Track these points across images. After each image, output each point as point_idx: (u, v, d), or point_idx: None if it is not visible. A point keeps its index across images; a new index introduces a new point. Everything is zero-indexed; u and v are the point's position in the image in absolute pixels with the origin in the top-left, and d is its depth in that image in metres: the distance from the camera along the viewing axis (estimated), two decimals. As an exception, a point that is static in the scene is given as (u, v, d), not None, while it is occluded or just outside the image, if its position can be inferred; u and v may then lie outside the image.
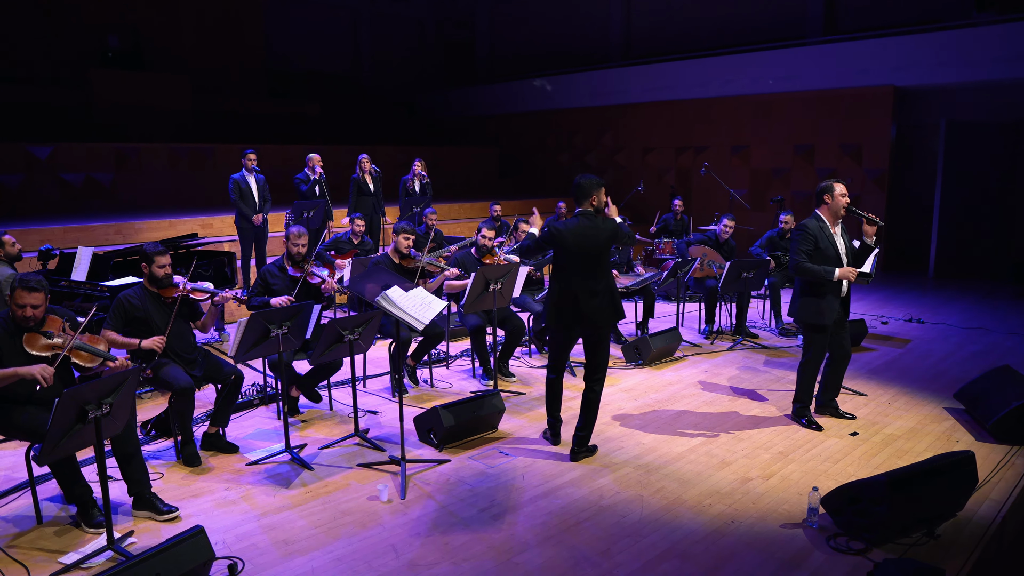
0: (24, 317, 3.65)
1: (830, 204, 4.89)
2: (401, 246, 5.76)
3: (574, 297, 4.41)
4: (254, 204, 8.51)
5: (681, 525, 3.81)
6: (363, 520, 3.82)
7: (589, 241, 4.39)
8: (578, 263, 4.43)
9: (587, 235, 4.39)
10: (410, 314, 3.99)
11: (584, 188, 4.47)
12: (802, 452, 4.74)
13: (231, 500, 4.05)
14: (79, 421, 3.23)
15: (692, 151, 14.54)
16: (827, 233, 4.87)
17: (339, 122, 16.56)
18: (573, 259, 4.44)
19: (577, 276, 4.43)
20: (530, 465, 4.54)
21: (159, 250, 4.52)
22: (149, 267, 4.49)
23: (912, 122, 12.24)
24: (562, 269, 4.49)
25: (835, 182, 4.92)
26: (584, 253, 4.41)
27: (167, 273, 4.53)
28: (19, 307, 3.64)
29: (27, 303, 3.63)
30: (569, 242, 4.41)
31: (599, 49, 16.80)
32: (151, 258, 4.48)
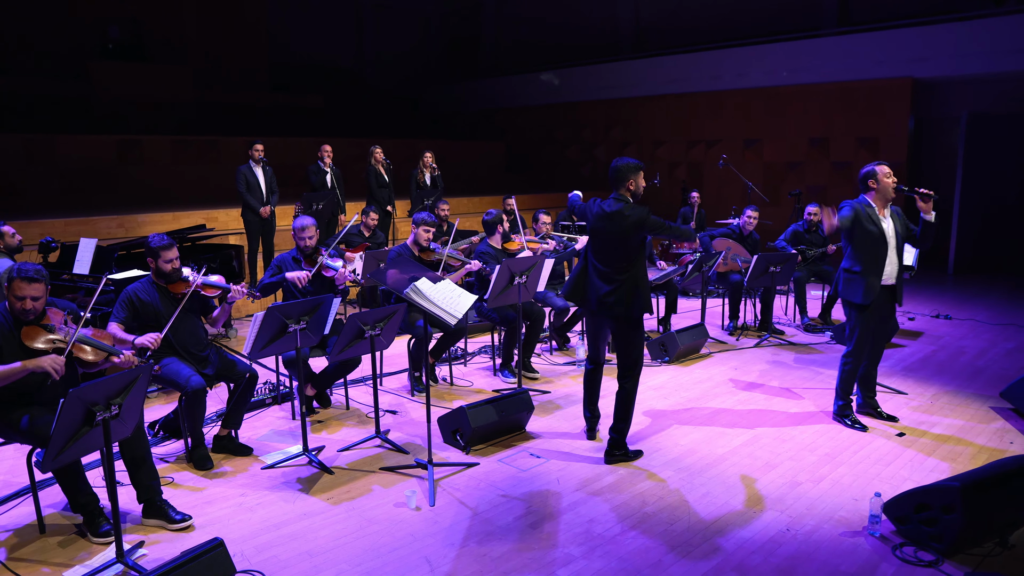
0: (23, 310, 3.38)
1: (878, 188, 4.63)
2: (421, 238, 5.49)
3: (587, 278, 4.33)
4: (261, 196, 8.24)
5: (734, 533, 3.54)
6: (391, 529, 3.55)
7: (612, 225, 4.18)
8: (596, 245, 4.31)
9: (611, 219, 4.19)
10: (442, 307, 3.72)
11: (621, 171, 4.25)
12: (849, 454, 4.48)
13: (248, 507, 3.77)
14: (86, 424, 2.97)
15: (703, 145, 14.27)
16: (874, 216, 4.61)
17: (342, 115, 16.26)
18: (593, 240, 4.33)
19: (594, 258, 4.31)
20: (564, 468, 4.28)
21: (165, 244, 4.23)
22: (155, 261, 4.22)
23: (931, 115, 11.97)
24: (588, 247, 4.41)
25: (877, 165, 4.67)
26: (603, 237, 4.25)
27: (175, 268, 4.25)
28: (18, 299, 3.37)
29: (26, 295, 3.36)
30: (592, 222, 4.29)
31: (608, 42, 16.50)
32: (156, 252, 4.19)
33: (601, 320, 4.41)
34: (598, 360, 4.59)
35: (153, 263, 4.22)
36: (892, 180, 4.63)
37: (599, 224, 4.24)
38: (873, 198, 4.67)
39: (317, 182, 8.63)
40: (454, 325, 3.82)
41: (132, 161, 10.73)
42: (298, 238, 4.99)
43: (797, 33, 12.93)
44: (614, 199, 4.24)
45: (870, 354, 4.92)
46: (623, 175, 4.23)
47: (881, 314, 4.79)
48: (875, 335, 4.85)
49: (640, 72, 14.96)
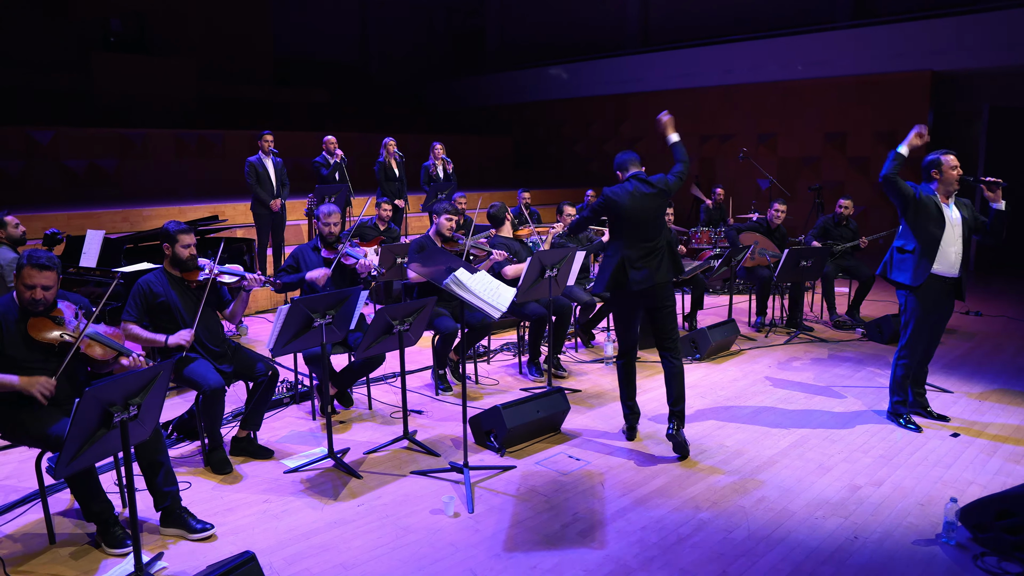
0: (32, 300, 3.12)
1: (941, 179, 4.38)
2: (444, 227, 5.24)
3: (624, 265, 4.21)
4: (271, 189, 7.98)
5: (799, 542, 3.29)
6: (430, 539, 3.29)
7: (657, 199, 4.23)
8: (632, 226, 4.21)
9: (659, 194, 4.24)
10: (485, 299, 3.45)
11: (630, 158, 4.43)
12: (905, 456, 4.23)
13: (273, 514, 3.51)
14: (103, 426, 2.70)
15: (716, 140, 14.02)
16: (936, 200, 4.37)
17: (348, 110, 15.99)
18: (626, 224, 4.23)
19: (630, 242, 4.22)
20: (607, 471, 4.02)
21: (183, 228, 4.00)
22: (172, 247, 3.97)
23: (951, 108, 11.73)
24: (620, 236, 4.26)
25: (943, 154, 4.41)
26: (642, 214, 4.20)
27: (192, 254, 4.01)
28: (28, 288, 3.11)
29: (36, 283, 3.11)
30: (627, 205, 4.20)
31: (617, 36, 16.24)
32: (174, 237, 3.95)
33: (635, 303, 4.31)
34: (631, 349, 4.43)
35: (170, 249, 3.97)
36: (957, 171, 4.38)
37: (643, 203, 4.21)
38: (936, 189, 4.41)
39: (329, 175, 8.36)
40: (496, 317, 3.56)
41: (134, 155, 10.45)
42: (323, 223, 4.72)
43: (812, 26, 12.69)
44: (636, 178, 4.30)
45: (925, 349, 4.68)
46: (633, 160, 4.42)
47: (941, 309, 4.54)
48: (932, 329, 4.60)
49: (650, 66, 14.70)
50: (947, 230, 4.38)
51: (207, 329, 4.06)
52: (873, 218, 11.83)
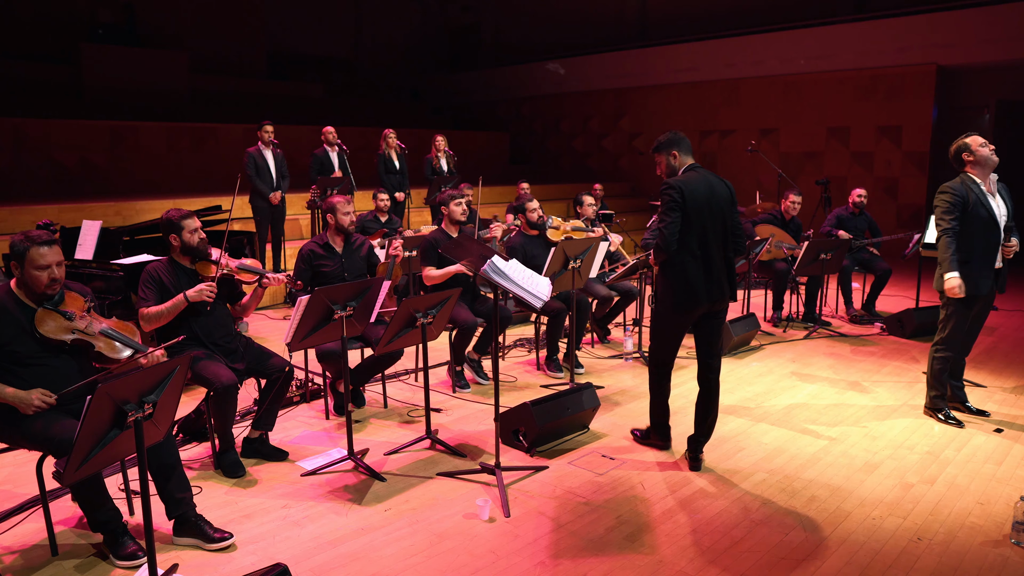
0: (52, 281, 2.91)
1: (975, 159, 4.20)
2: (456, 214, 5.00)
3: (708, 269, 3.62)
4: (271, 181, 7.71)
5: (859, 544, 3.09)
6: (468, 546, 3.06)
7: (716, 197, 3.63)
8: (708, 226, 3.61)
9: (714, 187, 3.65)
10: (525, 288, 3.22)
11: (686, 140, 3.80)
12: (952, 452, 4.05)
13: (294, 521, 3.26)
14: (115, 426, 2.45)
15: (717, 134, 13.88)
16: (982, 197, 4.17)
17: (342, 105, 15.69)
18: (704, 222, 3.59)
19: (711, 243, 3.63)
20: (644, 471, 3.80)
21: (185, 213, 3.73)
22: (179, 235, 3.70)
23: (958, 102, 11.64)
24: (690, 237, 3.57)
25: (967, 137, 4.24)
26: (715, 214, 3.63)
27: (203, 238, 3.74)
28: (41, 269, 2.88)
29: (50, 261, 2.90)
30: (701, 199, 3.58)
31: (614, 30, 16.05)
32: (178, 224, 3.68)
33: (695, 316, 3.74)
34: (669, 362, 3.90)
35: (177, 239, 3.70)
36: (989, 148, 4.20)
37: (707, 197, 3.59)
38: (974, 171, 4.23)
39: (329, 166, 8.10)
40: (539, 308, 3.33)
41: (126, 148, 10.11)
42: (341, 214, 4.46)
43: (814, 20, 12.55)
44: (695, 169, 3.72)
45: (964, 342, 4.50)
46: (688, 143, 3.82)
47: (983, 301, 4.36)
48: (973, 322, 4.43)
49: (651, 60, 14.54)
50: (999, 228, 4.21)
51: (220, 324, 3.80)
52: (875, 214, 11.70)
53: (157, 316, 3.61)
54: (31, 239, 2.87)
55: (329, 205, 4.50)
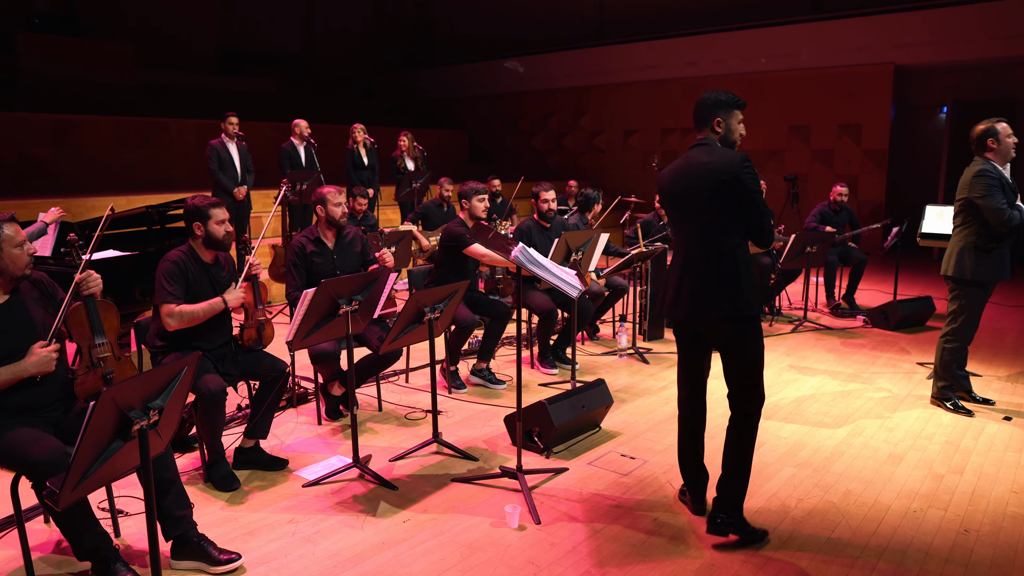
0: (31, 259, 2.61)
1: (997, 148, 4.15)
2: (477, 210, 4.74)
3: (680, 274, 2.90)
4: (235, 176, 7.29)
5: (909, 538, 2.96)
6: (502, 557, 2.81)
7: (686, 182, 2.85)
8: (675, 219, 2.98)
9: (689, 174, 2.84)
10: (561, 277, 2.99)
11: (707, 105, 2.91)
12: (971, 441, 3.99)
13: (305, 537, 2.95)
14: (118, 437, 2.13)
15: (679, 132, 13.90)
16: (1005, 179, 4.14)
17: (296, 101, 15.15)
18: (671, 213, 3.00)
19: (678, 241, 2.98)
20: (668, 469, 3.61)
21: (214, 202, 3.39)
22: (205, 225, 3.36)
23: (915, 101, 11.92)
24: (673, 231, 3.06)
25: (997, 122, 4.18)
26: (679, 202, 2.90)
27: (229, 232, 3.41)
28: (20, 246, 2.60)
29: (24, 237, 2.57)
30: (666, 185, 2.96)
31: (571, 29, 15.96)
32: (206, 213, 3.35)
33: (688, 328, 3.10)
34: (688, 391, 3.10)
35: (202, 229, 3.36)
36: (1013, 140, 4.17)
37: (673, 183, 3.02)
38: (993, 159, 4.18)
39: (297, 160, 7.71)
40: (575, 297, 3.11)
41: (70, 143, 9.46)
42: (331, 206, 4.13)
43: (775, 19, 12.68)
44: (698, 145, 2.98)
45: (973, 332, 4.46)
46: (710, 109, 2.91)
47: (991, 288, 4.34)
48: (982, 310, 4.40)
49: (611, 58, 14.48)
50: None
51: (213, 323, 3.45)
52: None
53: (191, 316, 3.27)
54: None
55: (319, 196, 4.17)
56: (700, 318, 2.87)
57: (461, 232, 4.65)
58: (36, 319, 2.69)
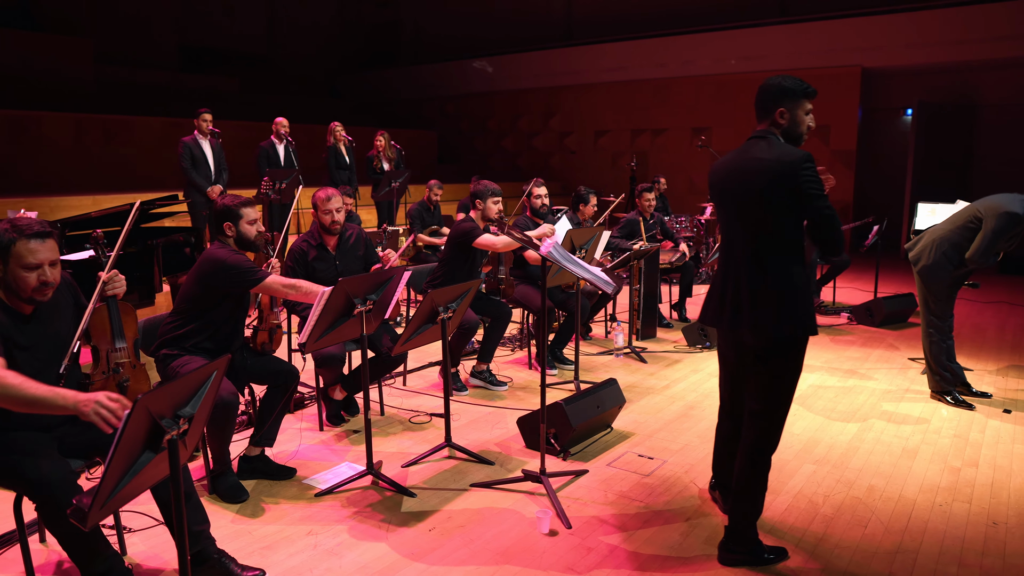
0: (42, 284, 2.33)
1: None
2: (492, 212, 4.64)
3: (723, 281, 2.72)
4: (209, 174, 7.03)
5: (941, 532, 2.95)
6: (540, 563, 2.70)
7: (738, 179, 2.63)
8: (723, 216, 2.74)
9: (742, 169, 2.60)
10: (593, 273, 2.90)
11: (770, 93, 2.62)
12: (978, 434, 4.03)
13: (328, 550, 2.80)
14: (148, 449, 1.96)
15: (649, 133, 14.00)
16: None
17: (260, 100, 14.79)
18: (719, 210, 2.77)
19: (725, 242, 2.75)
20: (689, 469, 3.55)
21: (244, 201, 3.25)
22: (236, 225, 3.27)
23: (881, 103, 12.18)
24: (721, 230, 2.81)
25: None
26: (728, 199, 2.68)
27: (261, 231, 3.28)
28: (30, 269, 2.29)
29: (42, 259, 2.30)
30: (716, 179, 2.74)
31: (541, 29, 15.94)
32: (237, 213, 3.26)
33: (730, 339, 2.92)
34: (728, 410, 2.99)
35: (233, 229, 3.26)
36: None
37: (723, 179, 2.79)
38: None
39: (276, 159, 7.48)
40: (611, 293, 3.02)
41: (28, 140, 9.01)
42: (322, 212, 3.96)
43: (745, 21, 12.82)
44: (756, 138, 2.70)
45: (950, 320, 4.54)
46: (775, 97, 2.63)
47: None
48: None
49: (581, 59, 14.49)
50: None
51: (235, 327, 3.30)
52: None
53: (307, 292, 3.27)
54: (18, 228, 2.29)
55: (314, 201, 4.01)
56: (741, 334, 2.66)
57: (471, 227, 4.54)
58: (63, 332, 2.50)
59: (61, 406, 2.05)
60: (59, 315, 2.49)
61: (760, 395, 2.65)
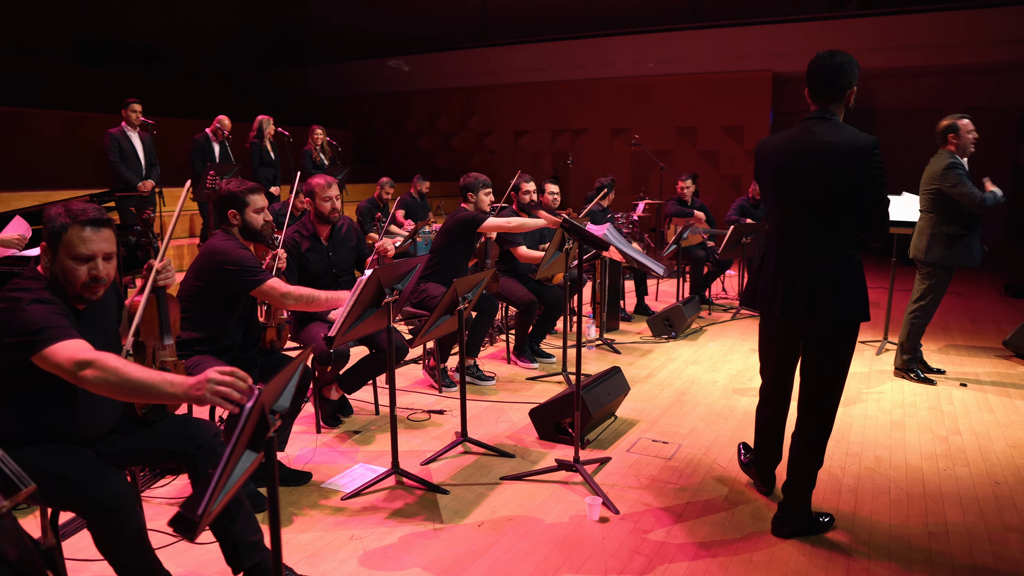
0: (93, 280, 2.04)
1: (958, 143, 4.51)
2: (484, 204, 4.53)
3: (778, 265, 2.68)
4: (139, 168, 6.52)
5: (955, 494, 3.13)
6: (606, 550, 2.65)
7: (801, 160, 2.57)
8: (775, 197, 2.70)
9: (806, 151, 2.56)
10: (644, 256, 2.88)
11: (843, 70, 2.58)
12: (948, 406, 4.33)
13: (382, 553, 2.63)
14: (252, 447, 1.78)
15: (569, 134, 14.20)
16: (966, 170, 4.50)
17: (166, 94, 13.88)
18: (770, 191, 2.73)
19: (786, 228, 2.68)
20: (708, 450, 3.61)
21: (251, 187, 2.99)
22: (241, 213, 3.01)
23: (793, 106, 12.86)
24: (768, 214, 2.81)
25: (959, 118, 4.54)
26: (787, 180, 2.62)
27: (268, 220, 3.01)
28: (82, 261, 2.01)
29: (96, 250, 2.03)
30: (771, 159, 2.68)
31: (457, 28, 15.85)
32: (242, 200, 2.99)
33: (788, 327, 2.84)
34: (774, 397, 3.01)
35: (238, 217, 3.00)
36: (973, 135, 4.53)
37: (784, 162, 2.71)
38: (955, 152, 4.52)
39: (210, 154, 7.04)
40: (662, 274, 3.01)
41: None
42: (320, 199, 3.73)
43: (663, 25, 13.21)
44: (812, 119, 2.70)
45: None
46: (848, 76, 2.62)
47: None
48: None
49: (500, 60, 14.51)
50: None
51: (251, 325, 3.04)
52: (723, 209, 12.64)
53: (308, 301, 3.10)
54: (73, 213, 2.01)
55: (308, 188, 3.78)
56: (799, 321, 2.64)
57: (474, 212, 4.45)
58: (112, 329, 2.24)
59: (169, 393, 1.80)
60: (107, 311, 2.22)
61: (823, 382, 2.69)
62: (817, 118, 2.64)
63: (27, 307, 1.89)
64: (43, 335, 1.85)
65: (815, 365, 2.72)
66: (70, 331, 1.88)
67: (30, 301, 1.91)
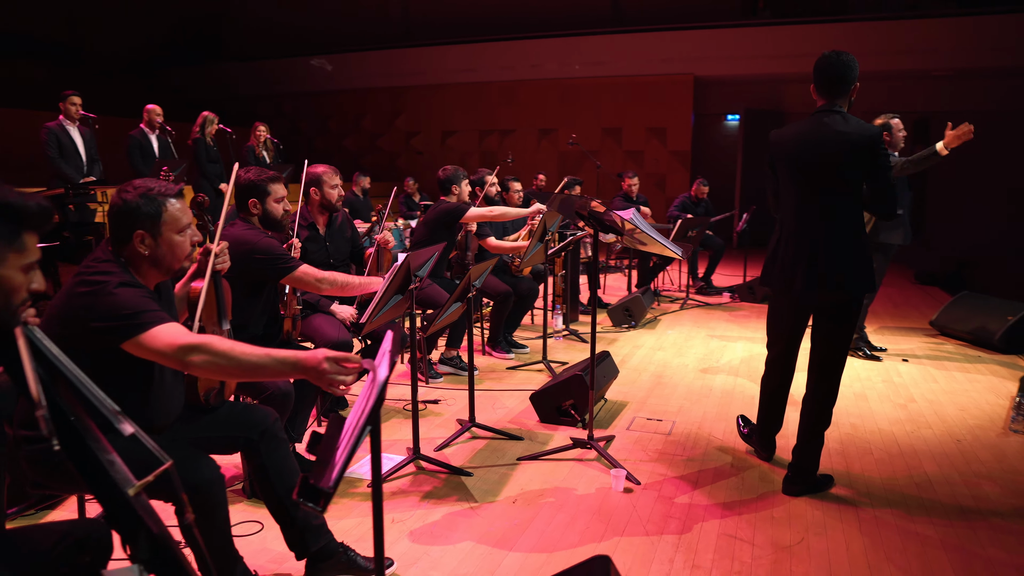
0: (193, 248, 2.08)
1: (890, 140, 4.91)
2: (466, 195, 4.59)
3: (796, 246, 2.94)
4: (80, 164, 6.20)
5: (927, 451, 3.48)
6: (643, 516, 2.80)
7: (819, 150, 2.85)
8: (792, 185, 2.97)
9: (822, 141, 2.84)
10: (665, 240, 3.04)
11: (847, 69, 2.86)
12: (898, 378, 4.74)
13: (427, 532, 2.68)
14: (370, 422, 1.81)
15: (497, 134, 14.38)
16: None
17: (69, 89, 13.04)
18: (788, 179, 2.99)
19: (804, 210, 2.93)
20: (701, 425, 3.83)
21: (272, 176, 2.93)
22: (262, 203, 2.96)
23: (713, 109, 13.54)
24: (783, 200, 3.04)
25: (891, 118, 4.95)
26: (804, 168, 2.90)
27: (287, 211, 2.97)
28: (184, 231, 2.02)
29: (191, 219, 2.03)
30: (789, 149, 2.97)
31: (380, 28, 15.72)
32: (263, 189, 2.94)
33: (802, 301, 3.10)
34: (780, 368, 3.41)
35: (259, 207, 2.93)
36: (903, 133, 4.95)
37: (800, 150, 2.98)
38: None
39: (149, 150, 6.74)
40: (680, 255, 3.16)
41: None
42: (327, 188, 3.70)
43: (586, 29, 13.59)
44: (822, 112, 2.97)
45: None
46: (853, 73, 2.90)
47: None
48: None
49: (426, 60, 14.52)
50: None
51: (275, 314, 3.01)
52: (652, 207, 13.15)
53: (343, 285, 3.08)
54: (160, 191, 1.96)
55: (313, 176, 3.74)
56: (817, 294, 2.89)
57: (456, 203, 4.50)
58: (174, 313, 2.19)
59: (290, 368, 1.77)
60: (167, 293, 2.17)
61: (833, 352, 3.00)
62: (827, 111, 2.92)
63: (115, 290, 1.83)
64: (137, 320, 1.80)
65: (827, 334, 2.98)
66: (163, 315, 1.85)
67: (117, 284, 1.85)
